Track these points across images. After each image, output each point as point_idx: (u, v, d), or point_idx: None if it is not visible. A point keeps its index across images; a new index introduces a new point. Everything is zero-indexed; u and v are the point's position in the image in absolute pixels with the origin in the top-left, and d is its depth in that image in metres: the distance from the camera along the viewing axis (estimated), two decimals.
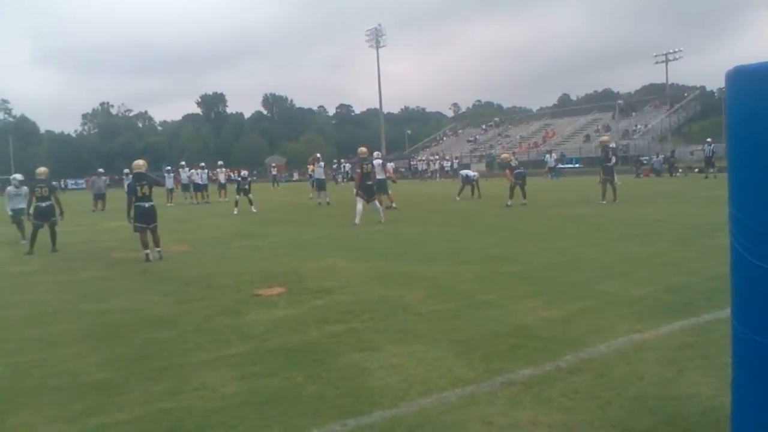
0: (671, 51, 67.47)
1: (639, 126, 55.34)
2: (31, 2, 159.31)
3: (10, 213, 14.60)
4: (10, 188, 14.89)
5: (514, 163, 20.11)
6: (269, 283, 7.96)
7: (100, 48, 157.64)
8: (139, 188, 10.84)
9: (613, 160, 18.95)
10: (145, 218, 10.82)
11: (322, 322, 5.98)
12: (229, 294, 7.60)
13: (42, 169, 13.58)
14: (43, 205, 12.78)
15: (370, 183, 15.16)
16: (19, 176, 15.24)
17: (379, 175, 18.47)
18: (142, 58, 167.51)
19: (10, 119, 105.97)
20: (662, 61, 68.08)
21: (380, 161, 19.37)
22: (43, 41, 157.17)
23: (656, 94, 69.50)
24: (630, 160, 43.61)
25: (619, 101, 64.65)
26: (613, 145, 27.15)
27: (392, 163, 57.35)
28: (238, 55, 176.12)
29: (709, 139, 32.11)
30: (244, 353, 5.09)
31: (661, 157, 37.87)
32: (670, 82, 74.49)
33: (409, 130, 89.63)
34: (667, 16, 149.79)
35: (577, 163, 49.68)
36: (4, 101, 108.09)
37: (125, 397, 4.22)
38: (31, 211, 12.99)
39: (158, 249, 10.86)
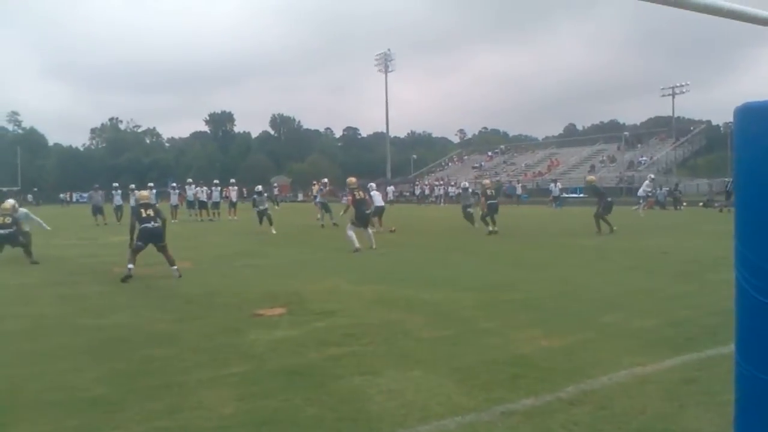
0: (678, 85, 67.72)
1: (644, 158, 55.40)
2: (44, 16, 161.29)
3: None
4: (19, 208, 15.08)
5: (490, 192, 19.74)
6: (270, 304, 7.94)
7: (110, 64, 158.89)
8: (143, 210, 11.01)
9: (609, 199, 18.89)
10: (150, 238, 10.82)
11: (322, 344, 5.95)
12: (230, 313, 7.59)
13: (8, 204, 14.00)
14: (4, 232, 13.18)
15: (368, 212, 15.10)
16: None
17: (379, 203, 19.72)
18: (151, 75, 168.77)
19: (20, 131, 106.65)
20: (669, 95, 68.29)
21: (377, 193, 20.58)
22: (54, 55, 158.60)
23: (662, 127, 69.72)
24: (634, 192, 43.57)
25: (625, 133, 64.76)
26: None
27: (392, 187, 57.69)
28: (248, 75, 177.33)
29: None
30: (244, 373, 5.06)
31: (665, 189, 37.85)
32: (676, 116, 74.77)
33: (415, 155, 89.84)
34: (674, 50, 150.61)
35: (581, 193, 49.65)
36: (14, 113, 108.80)
37: (122, 415, 4.19)
38: None
39: (174, 267, 10.72)
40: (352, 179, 15.82)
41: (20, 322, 7.37)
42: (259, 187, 22.45)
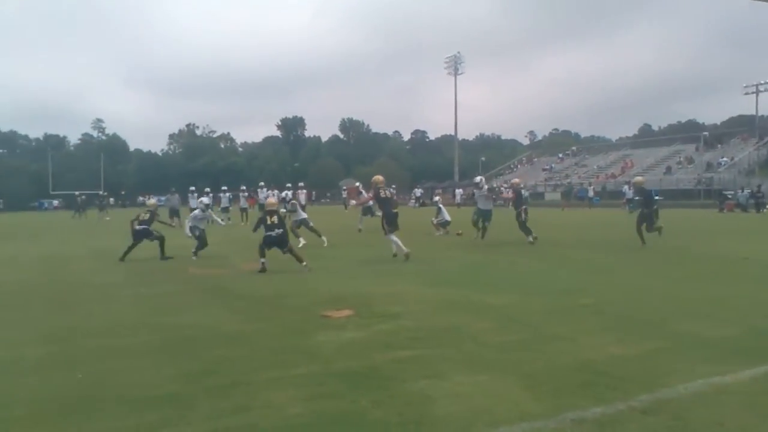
0: (762, 82, 64.77)
1: (724, 159, 53.06)
2: (125, 27, 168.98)
3: (188, 233, 15.55)
4: (196, 212, 16.19)
5: (525, 193, 18.34)
6: (338, 305, 8.02)
7: (187, 72, 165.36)
8: (268, 217, 11.99)
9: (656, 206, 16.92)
10: (273, 245, 11.90)
11: (388, 347, 5.97)
12: (298, 314, 7.71)
13: (152, 201, 16.45)
14: (141, 228, 14.78)
15: (395, 211, 13.74)
16: (206, 200, 16.96)
17: (485, 206, 17.66)
18: (227, 82, 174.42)
19: (103, 137, 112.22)
20: (752, 92, 65.45)
21: (485, 189, 17.94)
22: (137, 65, 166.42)
23: (744, 126, 66.70)
24: (713, 194, 41.88)
25: (704, 133, 62.33)
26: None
27: (460, 190, 57.19)
28: (319, 81, 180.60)
29: None
30: (311, 374, 5.13)
31: (747, 191, 36.20)
32: (759, 114, 71.37)
33: (484, 157, 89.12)
34: (758, 46, 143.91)
35: (656, 195, 48.04)
36: (99, 120, 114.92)
37: (194, 412, 4.32)
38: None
39: (304, 264, 11.66)
40: (379, 177, 14.62)
41: (102, 319, 7.71)
42: (286, 194, 19.75)
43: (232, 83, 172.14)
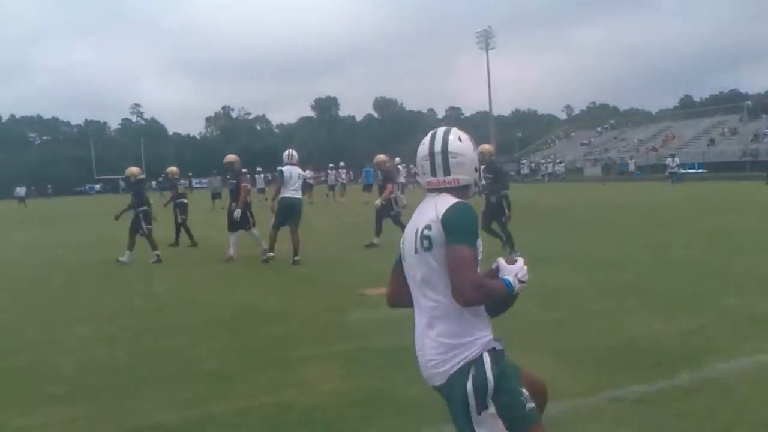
0: None
1: None
2: (160, 15, 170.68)
3: None
4: None
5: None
6: (375, 284, 8.00)
7: (222, 55, 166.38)
8: None
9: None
10: None
11: None
12: (335, 292, 7.73)
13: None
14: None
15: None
16: None
17: None
18: (260, 64, 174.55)
19: (142, 122, 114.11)
20: None
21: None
22: (172, 50, 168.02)
23: None
24: (761, 166, 40.57)
25: (747, 102, 60.27)
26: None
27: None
28: (351, 60, 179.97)
29: None
30: (347, 352, 5.14)
31: None
32: None
33: (520, 133, 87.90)
34: None
35: (700, 168, 46.74)
36: (137, 105, 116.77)
37: (231, 388, 4.36)
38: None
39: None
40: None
41: (144, 299, 7.86)
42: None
43: (264, 65, 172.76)
